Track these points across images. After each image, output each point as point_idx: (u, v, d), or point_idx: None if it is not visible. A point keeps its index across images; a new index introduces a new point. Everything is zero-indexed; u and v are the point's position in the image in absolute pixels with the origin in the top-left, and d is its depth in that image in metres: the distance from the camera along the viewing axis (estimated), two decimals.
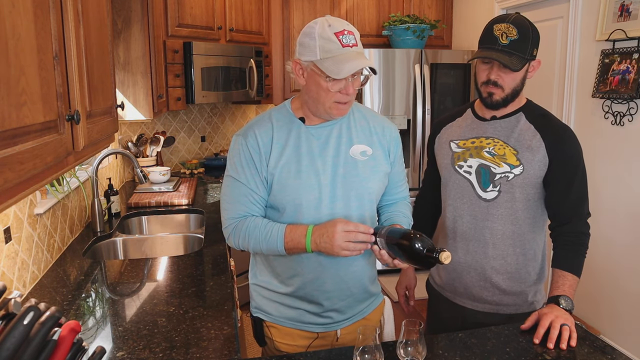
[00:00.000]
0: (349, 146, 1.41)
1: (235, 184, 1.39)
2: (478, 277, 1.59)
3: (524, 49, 1.46)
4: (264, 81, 3.83)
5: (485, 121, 1.60)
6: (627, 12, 2.71)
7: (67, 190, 2.12)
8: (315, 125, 1.41)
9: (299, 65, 1.34)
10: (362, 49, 1.31)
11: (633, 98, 2.70)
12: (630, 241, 2.83)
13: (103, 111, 1.41)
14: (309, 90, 1.35)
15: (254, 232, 1.36)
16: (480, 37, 1.53)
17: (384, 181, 1.47)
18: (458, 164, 1.60)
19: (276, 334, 1.49)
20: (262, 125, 1.40)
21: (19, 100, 0.81)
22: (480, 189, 1.56)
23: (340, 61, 1.25)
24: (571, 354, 1.28)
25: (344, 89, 1.30)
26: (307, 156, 1.37)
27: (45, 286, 1.70)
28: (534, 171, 1.50)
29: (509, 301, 1.59)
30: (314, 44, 1.27)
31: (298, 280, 1.42)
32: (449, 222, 1.65)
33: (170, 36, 3.02)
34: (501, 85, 1.49)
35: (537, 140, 1.51)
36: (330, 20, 1.29)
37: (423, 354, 1.14)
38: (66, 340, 0.83)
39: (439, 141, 1.70)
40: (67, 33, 1.07)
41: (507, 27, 1.47)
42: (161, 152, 3.67)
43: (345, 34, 1.27)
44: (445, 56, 3.98)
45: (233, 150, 1.41)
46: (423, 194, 1.83)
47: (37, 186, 0.94)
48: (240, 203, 1.39)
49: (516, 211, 1.53)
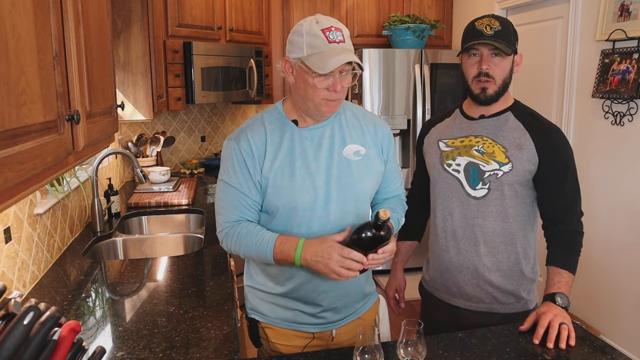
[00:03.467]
0: (342, 146, 1.40)
1: (228, 189, 1.38)
2: (471, 276, 1.59)
3: (508, 38, 1.49)
4: (264, 81, 3.83)
5: (474, 120, 1.61)
6: (627, 12, 2.71)
7: (67, 190, 2.12)
8: (307, 127, 1.40)
9: (288, 64, 1.33)
10: (351, 46, 1.30)
11: (633, 98, 2.70)
12: (630, 241, 2.83)
13: (103, 111, 1.40)
14: (298, 87, 1.34)
15: (246, 238, 1.35)
16: (463, 37, 1.55)
17: (377, 180, 1.47)
18: (447, 162, 1.61)
19: (272, 334, 1.49)
20: (255, 129, 1.39)
21: (19, 100, 0.81)
22: (469, 187, 1.57)
23: (326, 56, 1.24)
24: (571, 354, 1.28)
25: (332, 86, 1.29)
26: (300, 158, 1.36)
27: (45, 286, 1.70)
28: (523, 169, 1.51)
29: (504, 299, 1.59)
30: (301, 41, 1.27)
31: (293, 282, 1.41)
32: (439, 221, 1.65)
33: (170, 36, 3.02)
34: (493, 77, 1.50)
35: (525, 139, 1.52)
36: (318, 17, 1.29)
37: (423, 354, 1.14)
38: (66, 340, 0.83)
39: (428, 141, 1.71)
40: (67, 33, 1.07)
41: (489, 20, 1.50)
42: (161, 152, 3.67)
43: (332, 30, 1.26)
44: (445, 56, 3.98)
45: (226, 155, 1.40)
46: (412, 195, 1.82)
47: (37, 186, 0.94)
48: (234, 208, 1.38)
49: (506, 208, 1.54)
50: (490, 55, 1.49)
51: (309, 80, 1.29)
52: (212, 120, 4.18)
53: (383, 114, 3.91)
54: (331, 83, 1.28)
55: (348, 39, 1.30)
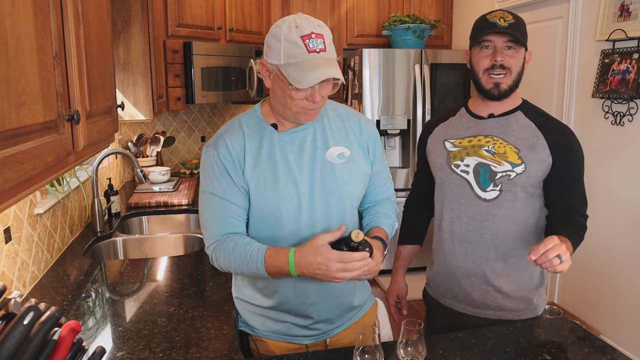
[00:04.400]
0: (325, 149, 1.34)
1: (213, 200, 1.31)
2: (479, 282, 1.53)
3: (522, 33, 1.44)
4: (263, 81, 3.83)
5: (482, 119, 1.55)
6: (627, 12, 2.71)
7: (67, 190, 2.12)
8: (287, 131, 1.33)
9: (265, 67, 1.26)
10: (333, 53, 1.22)
11: (633, 98, 2.69)
12: (630, 241, 2.83)
13: (103, 111, 1.40)
14: (275, 94, 1.27)
15: (233, 253, 1.27)
16: (474, 30, 1.49)
17: (364, 183, 1.41)
18: (454, 163, 1.54)
19: (263, 347, 1.44)
20: (233, 134, 1.32)
21: (19, 100, 0.81)
22: (479, 189, 1.50)
23: (305, 69, 1.16)
24: (571, 354, 1.28)
25: (310, 97, 1.21)
26: (282, 164, 1.30)
27: (45, 286, 1.70)
28: (536, 170, 1.46)
29: (512, 305, 1.54)
30: (278, 47, 1.19)
31: (281, 295, 1.36)
32: (446, 224, 1.57)
33: (170, 36, 3.02)
34: (509, 68, 1.44)
35: (538, 138, 1.47)
36: (299, 20, 1.20)
37: (423, 354, 1.14)
38: (66, 340, 0.83)
39: (432, 141, 1.64)
40: (67, 33, 1.07)
41: (502, 13, 1.45)
42: (161, 152, 3.67)
43: (312, 38, 1.17)
44: (445, 56, 3.98)
45: (205, 163, 1.33)
46: (413, 197, 1.77)
47: (37, 186, 0.94)
48: (221, 220, 1.31)
49: (517, 211, 1.49)
50: (504, 47, 1.43)
51: (286, 90, 1.22)
52: (212, 120, 4.18)
53: (383, 114, 3.91)
54: (309, 94, 1.21)
55: (330, 46, 1.21)
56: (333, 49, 1.23)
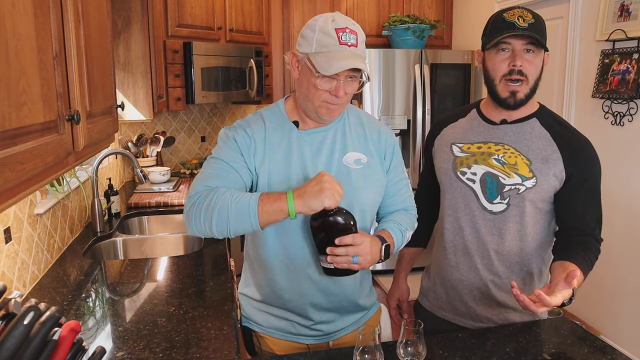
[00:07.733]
0: (343, 154, 1.33)
1: (218, 163, 1.28)
2: (481, 295, 1.47)
3: (542, 34, 1.32)
4: (264, 81, 3.83)
5: (495, 125, 1.45)
6: (627, 12, 2.71)
7: (67, 190, 2.12)
8: (308, 129, 1.33)
9: (295, 57, 1.27)
10: (363, 52, 1.24)
11: (633, 98, 2.70)
12: (630, 241, 2.83)
13: (103, 111, 1.40)
14: (301, 84, 1.28)
15: (223, 197, 1.17)
16: (488, 30, 1.38)
17: (379, 192, 1.38)
18: (460, 170, 1.46)
19: (266, 344, 1.45)
20: (255, 124, 1.33)
21: (19, 100, 0.81)
22: (485, 200, 1.42)
23: (332, 58, 1.18)
24: (571, 354, 1.28)
25: (334, 90, 1.22)
26: (297, 162, 1.30)
27: (45, 286, 1.70)
28: (548, 185, 1.37)
29: (516, 318, 1.48)
30: (312, 36, 1.22)
31: (284, 294, 1.37)
32: (448, 234, 1.51)
33: (170, 36, 3.02)
34: (526, 75, 1.33)
35: (553, 151, 1.37)
36: (336, 16, 1.23)
37: (423, 354, 1.14)
38: (66, 340, 0.83)
39: (439, 142, 1.56)
40: (67, 33, 1.07)
41: (521, 12, 1.33)
42: (161, 152, 3.67)
43: (346, 32, 1.20)
44: (445, 56, 3.98)
45: (220, 140, 1.33)
46: (418, 198, 1.65)
47: (37, 186, 0.94)
48: (218, 176, 1.25)
49: (525, 227, 1.40)
50: (523, 50, 1.32)
51: (311, 79, 1.22)
52: (212, 121, 4.18)
53: (383, 114, 3.91)
54: (334, 87, 1.22)
55: (362, 44, 1.24)
56: (364, 48, 1.26)
